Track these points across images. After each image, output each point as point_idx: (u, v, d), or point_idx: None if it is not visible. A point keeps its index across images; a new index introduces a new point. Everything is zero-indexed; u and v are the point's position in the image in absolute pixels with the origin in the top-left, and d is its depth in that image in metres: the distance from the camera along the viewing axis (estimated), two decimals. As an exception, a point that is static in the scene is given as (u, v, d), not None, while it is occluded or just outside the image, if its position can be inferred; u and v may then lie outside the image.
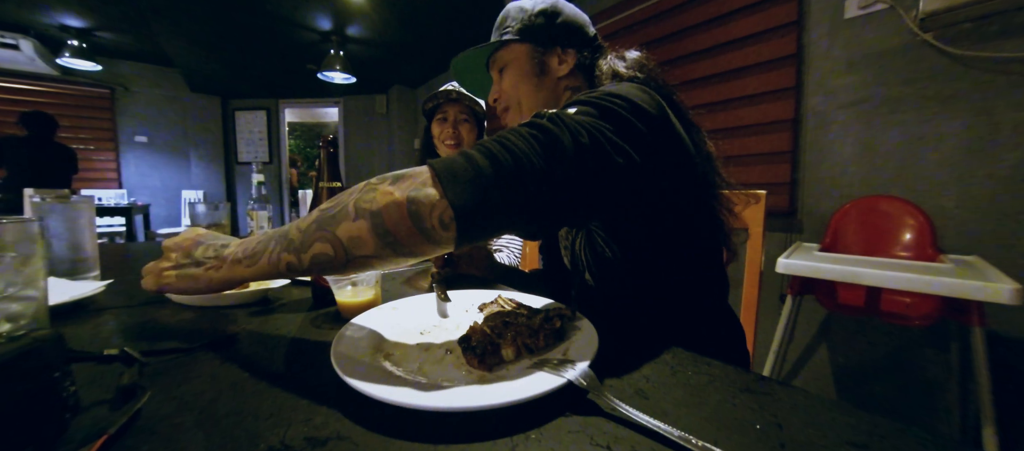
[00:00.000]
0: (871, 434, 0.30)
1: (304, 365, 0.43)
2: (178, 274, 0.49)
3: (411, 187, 0.40)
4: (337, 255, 0.41)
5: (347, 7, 3.03)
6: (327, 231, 0.41)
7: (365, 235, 0.39)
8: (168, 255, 0.52)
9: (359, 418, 0.32)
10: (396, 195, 0.39)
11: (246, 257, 0.45)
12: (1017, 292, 0.89)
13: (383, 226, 0.39)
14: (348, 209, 0.40)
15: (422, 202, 0.39)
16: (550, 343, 0.44)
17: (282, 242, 0.43)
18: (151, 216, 4.63)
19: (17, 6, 3.30)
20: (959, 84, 1.32)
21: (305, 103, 5.69)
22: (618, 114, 0.47)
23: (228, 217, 1.09)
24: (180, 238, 0.53)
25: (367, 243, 0.40)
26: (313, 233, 0.41)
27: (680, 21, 2.07)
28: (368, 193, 0.41)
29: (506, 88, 0.74)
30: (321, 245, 0.41)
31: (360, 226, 0.39)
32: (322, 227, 0.41)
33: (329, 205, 0.43)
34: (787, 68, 1.71)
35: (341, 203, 0.41)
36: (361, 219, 0.39)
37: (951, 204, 1.35)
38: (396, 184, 0.41)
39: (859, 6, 1.51)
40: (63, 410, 0.30)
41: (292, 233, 0.43)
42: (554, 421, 0.31)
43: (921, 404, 1.44)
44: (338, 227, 0.40)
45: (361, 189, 0.42)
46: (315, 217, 0.42)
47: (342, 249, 0.40)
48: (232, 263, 0.46)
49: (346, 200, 0.41)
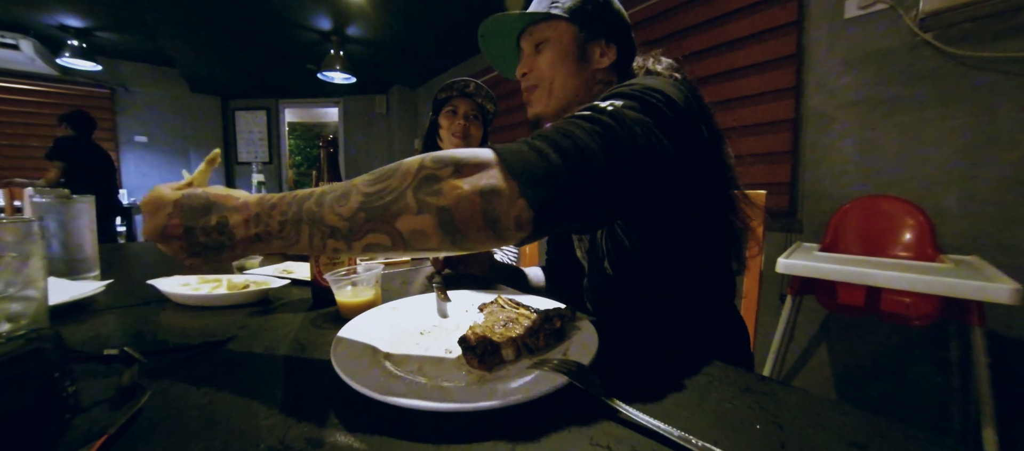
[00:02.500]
0: (871, 434, 0.30)
1: (304, 365, 0.42)
2: (205, 261, 0.44)
3: (482, 180, 0.37)
4: (395, 246, 0.38)
5: (347, 7, 3.03)
6: (384, 223, 0.38)
7: (429, 230, 0.37)
8: (168, 244, 0.44)
9: (359, 418, 0.32)
10: (465, 189, 0.37)
11: (273, 235, 0.41)
12: (1017, 292, 0.89)
13: (452, 223, 0.37)
14: (408, 202, 0.37)
15: (498, 200, 0.37)
16: (550, 343, 0.44)
17: (320, 227, 0.39)
18: (151, 216, 4.62)
19: (17, 6, 3.29)
20: (959, 84, 1.32)
21: (305, 103, 5.69)
22: (659, 109, 0.47)
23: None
24: (156, 223, 0.43)
25: (431, 237, 0.37)
26: (364, 223, 0.38)
27: (680, 21, 2.07)
28: (431, 185, 0.37)
29: (541, 66, 0.69)
30: (377, 236, 0.38)
31: (425, 221, 0.37)
32: (376, 218, 0.38)
33: (374, 189, 0.38)
34: (787, 68, 1.71)
35: (393, 190, 0.38)
36: (426, 214, 0.37)
37: (951, 204, 1.35)
38: (462, 176, 0.37)
39: (859, 6, 1.51)
40: (63, 410, 0.30)
41: (330, 217, 0.39)
42: (554, 421, 0.31)
43: (921, 404, 1.44)
44: (398, 220, 0.37)
45: (417, 177, 0.38)
46: (358, 202, 0.38)
47: (401, 241, 0.38)
48: (251, 240, 0.42)
49: (399, 187, 0.38)
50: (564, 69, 0.68)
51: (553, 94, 0.69)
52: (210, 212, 0.42)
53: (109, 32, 3.86)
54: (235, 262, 0.90)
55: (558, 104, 0.70)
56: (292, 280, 0.77)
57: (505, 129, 3.40)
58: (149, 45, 4.10)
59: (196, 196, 0.43)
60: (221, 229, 0.42)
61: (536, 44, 0.70)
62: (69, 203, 0.78)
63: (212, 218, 0.42)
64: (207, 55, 3.94)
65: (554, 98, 0.70)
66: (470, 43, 3.58)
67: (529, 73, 0.71)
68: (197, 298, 0.65)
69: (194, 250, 0.43)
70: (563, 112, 0.70)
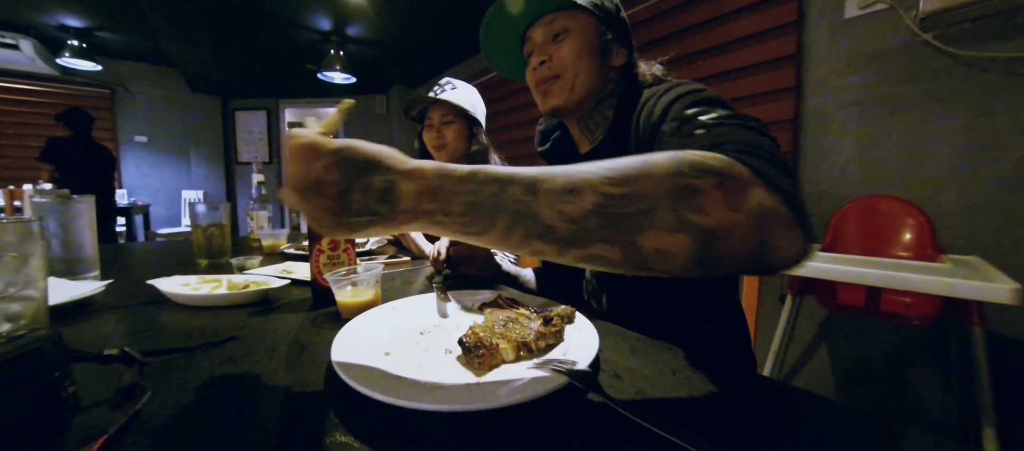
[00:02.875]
0: (871, 434, 0.30)
1: (304, 365, 0.42)
2: (348, 229, 0.34)
3: (755, 200, 0.32)
4: (625, 263, 0.32)
5: (347, 7, 3.03)
6: (623, 235, 0.31)
7: (681, 252, 0.31)
8: (310, 201, 0.33)
9: (359, 418, 0.32)
10: (739, 217, 0.31)
11: (452, 218, 0.33)
12: (1017, 292, 0.89)
13: (714, 250, 0.31)
14: (663, 215, 0.31)
15: (778, 230, 0.31)
16: (550, 343, 0.44)
17: (527, 223, 0.32)
18: (151, 216, 4.62)
19: (17, 6, 3.30)
20: (959, 84, 1.32)
21: (305, 103, 5.69)
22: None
23: (228, 217, 1.09)
24: (307, 174, 0.33)
25: (677, 260, 0.32)
26: (596, 231, 0.31)
27: (680, 21, 2.07)
28: (692, 198, 0.31)
29: (565, 56, 0.66)
30: (606, 248, 0.32)
31: (679, 242, 0.31)
32: (614, 227, 0.31)
33: (618, 191, 0.31)
34: (787, 68, 1.71)
35: (642, 197, 0.31)
36: (683, 234, 0.31)
37: (951, 204, 1.35)
38: (728, 191, 0.31)
39: (859, 6, 1.51)
40: (63, 410, 0.30)
41: (547, 214, 0.32)
42: (554, 421, 0.31)
43: (921, 404, 1.44)
44: (643, 234, 0.31)
45: (674, 185, 0.31)
46: (592, 202, 0.31)
47: (637, 259, 0.32)
48: (419, 216, 0.34)
49: (650, 194, 0.31)
50: (590, 61, 0.66)
51: (575, 87, 0.67)
52: (374, 172, 0.33)
53: (109, 32, 3.87)
54: (235, 261, 0.90)
55: (579, 96, 0.68)
56: (292, 280, 0.77)
57: (503, 129, 3.40)
58: (149, 45, 4.10)
59: (359, 150, 0.34)
60: (384, 195, 0.33)
61: (555, 34, 0.67)
62: (69, 203, 0.78)
63: (376, 179, 0.33)
64: (207, 55, 3.94)
65: (576, 90, 0.67)
66: (470, 43, 3.58)
67: (550, 62, 0.67)
68: (197, 298, 0.65)
69: (343, 214, 0.33)
70: (581, 106, 0.69)
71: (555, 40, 0.67)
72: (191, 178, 5.16)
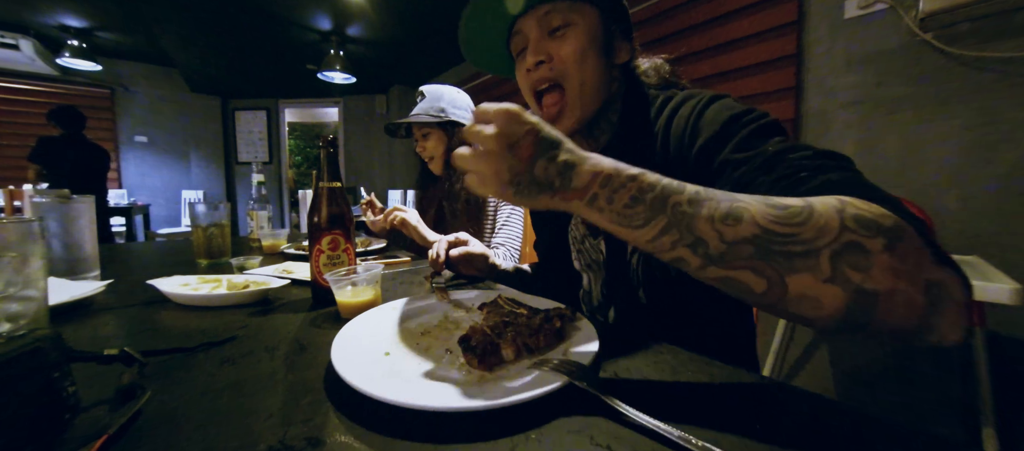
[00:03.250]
0: (871, 434, 0.30)
1: (304, 365, 0.42)
2: (516, 191, 0.37)
3: (925, 272, 0.31)
4: (765, 295, 0.33)
5: (347, 7, 3.03)
6: (773, 270, 0.32)
7: (830, 302, 0.31)
8: (499, 159, 0.37)
9: (359, 418, 0.32)
10: (904, 284, 0.30)
11: (614, 206, 0.35)
12: (1017, 292, 0.89)
13: (869, 311, 0.31)
14: (819, 264, 0.31)
15: (947, 306, 0.31)
16: (550, 343, 0.44)
17: (683, 231, 0.34)
18: (151, 216, 4.63)
19: (17, 6, 3.30)
20: (959, 84, 1.32)
21: (305, 103, 5.69)
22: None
23: (228, 217, 1.09)
24: (512, 132, 0.36)
25: (822, 309, 0.32)
26: (746, 259, 0.32)
27: (680, 21, 2.07)
28: (856, 255, 0.31)
29: (566, 55, 0.57)
30: (751, 276, 0.32)
31: (830, 292, 0.31)
32: (766, 260, 0.32)
33: (779, 229, 0.32)
34: (787, 68, 1.71)
35: (804, 243, 0.31)
36: (837, 286, 0.31)
37: (951, 204, 1.35)
38: (896, 255, 0.31)
39: (859, 6, 1.51)
40: (63, 410, 0.30)
41: (704, 229, 0.33)
42: (554, 421, 0.31)
43: (921, 404, 1.44)
44: (794, 274, 0.31)
45: (840, 239, 0.31)
46: (751, 233, 0.32)
47: (778, 294, 0.32)
48: (585, 196, 0.36)
49: (813, 241, 0.31)
50: (595, 62, 0.57)
51: (584, 98, 0.58)
52: (560, 149, 0.37)
53: (109, 32, 3.87)
54: (235, 261, 0.90)
55: (590, 110, 0.59)
56: (292, 280, 0.77)
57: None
58: (149, 45, 4.11)
59: (549, 129, 0.38)
60: (563, 171, 0.36)
61: (552, 28, 0.58)
62: (69, 203, 0.78)
63: (562, 155, 0.36)
64: (207, 55, 3.95)
65: (586, 104, 0.58)
66: (470, 43, 3.58)
67: (551, 62, 0.57)
68: (197, 298, 0.65)
69: (522, 176, 0.37)
70: (590, 122, 0.61)
71: (552, 35, 0.58)
72: (191, 178, 5.17)
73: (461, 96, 1.36)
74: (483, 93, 3.59)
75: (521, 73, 0.62)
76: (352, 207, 0.71)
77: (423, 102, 1.32)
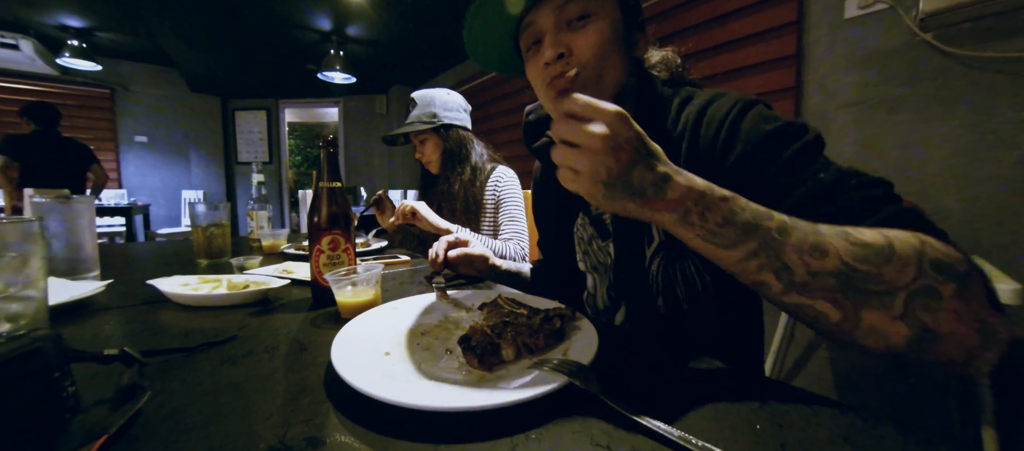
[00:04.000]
0: (871, 434, 0.30)
1: (304, 365, 0.42)
2: (607, 193, 0.37)
3: (982, 313, 0.33)
4: (838, 325, 0.34)
5: (347, 7, 3.03)
6: (849, 303, 0.34)
7: (895, 337, 0.33)
8: (600, 157, 0.36)
9: (359, 418, 0.32)
10: (965, 327, 0.32)
11: (705, 223, 0.36)
12: (1017, 292, 0.89)
13: (928, 347, 0.33)
14: (895, 303, 0.33)
15: (993, 343, 0.33)
16: (550, 343, 0.44)
17: (770, 255, 0.35)
18: (151, 216, 4.63)
19: (17, 6, 3.30)
20: (959, 84, 1.32)
21: (305, 103, 5.69)
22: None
23: (228, 217, 1.09)
24: (619, 134, 0.36)
25: (886, 341, 0.33)
26: (827, 291, 0.34)
27: (680, 21, 2.07)
28: (929, 298, 0.33)
29: (586, 48, 0.53)
30: (828, 307, 0.34)
31: (897, 329, 0.33)
32: (845, 293, 0.34)
33: (862, 268, 0.33)
34: (787, 68, 1.71)
35: (884, 282, 0.33)
36: (905, 324, 0.33)
37: (951, 204, 1.35)
38: (963, 300, 0.33)
39: (859, 6, 1.51)
40: (63, 410, 0.30)
41: (791, 257, 0.35)
42: (554, 421, 0.31)
43: (921, 404, 1.44)
44: (867, 310, 0.33)
45: (917, 283, 0.33)
46: (834, 267, 0.34)
47: (853, 327, 0.34)
48: (676, 209, 0.37)
49: (893, 282, 0.33)
50: (616, 56, 0.55)
51: (604, 86, 0.55)
52: (658, 160, 0.37)
53: (109, 32, 3.87)
54: (235, 261, 0.90)
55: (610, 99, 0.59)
56: (292, 280, 0.77)
57: (501, 130, 3.40)
58: (149, 45, 4.10)
59: (649, 140, 0.38)
60: (658, 182, 0.36)
61: (569, 19, 0.54)
62: (69, 203, 0.78)
63: (660, 166, 0.37)
64: (207, 55, 3.95)
65: (604, 92, 0.56)
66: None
67: (570, 56, 0.54)
68: (197, 298, 0.65)
69: (619, 179, 0.36)
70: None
71: (570, 27, 0.54)
72: (191, 178, 5.17)
73: (451, 97, 1.38)
74: (483, 93, 3.59)
75: (536, 68, 0.57)
76: (354, 206, 0.71)
77: (415, 109, 1.36)
